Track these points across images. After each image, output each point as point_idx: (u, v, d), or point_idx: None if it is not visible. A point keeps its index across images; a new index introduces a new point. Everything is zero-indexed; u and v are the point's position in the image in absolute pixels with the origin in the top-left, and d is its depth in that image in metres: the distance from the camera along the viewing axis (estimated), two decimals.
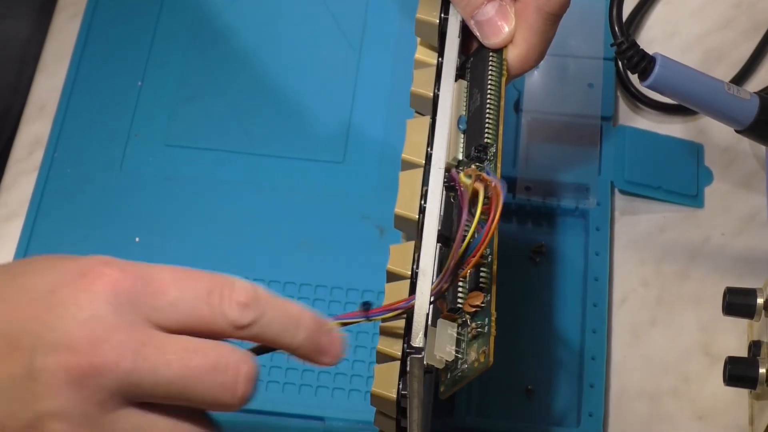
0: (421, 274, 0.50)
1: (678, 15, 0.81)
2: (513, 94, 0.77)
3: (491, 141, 0.54)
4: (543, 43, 0.58)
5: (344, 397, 0.67)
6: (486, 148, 0.54)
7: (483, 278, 0.50)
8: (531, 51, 0.58)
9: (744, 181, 0.75)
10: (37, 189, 0.74)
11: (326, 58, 0.79)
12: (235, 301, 0.45)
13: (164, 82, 0.78)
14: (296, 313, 0.47)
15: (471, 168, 0.53)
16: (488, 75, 0.56)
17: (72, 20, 0.81)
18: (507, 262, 0.72)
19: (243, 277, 0.46)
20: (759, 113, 0.60)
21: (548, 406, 0.67)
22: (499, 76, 0.56)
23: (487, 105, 0.55)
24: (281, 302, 0.46)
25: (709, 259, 0.72)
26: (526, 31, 0.57)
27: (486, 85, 0.56)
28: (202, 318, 0.45)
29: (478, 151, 0.54)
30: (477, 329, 0.49)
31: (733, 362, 0.62)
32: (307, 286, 0.70)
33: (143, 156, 0.76)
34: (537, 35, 0.57)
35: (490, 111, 0.55)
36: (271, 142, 0.76)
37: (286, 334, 0.46)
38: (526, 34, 0.57)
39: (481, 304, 0.49)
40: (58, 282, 0.44)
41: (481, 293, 0.50)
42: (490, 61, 0.57)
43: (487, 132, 0.54)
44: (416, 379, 0.48)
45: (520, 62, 0.58)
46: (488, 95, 0.55)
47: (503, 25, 0.57)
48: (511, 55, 0.58)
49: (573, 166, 0.74)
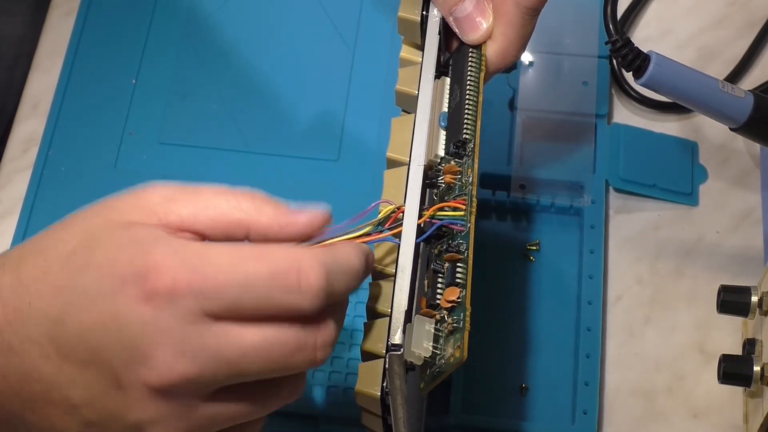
0: (400, 271, 0.50)
1: (672, 13, 0.81)
2: (508, 92, 0.77)
3: (470, 137, 0.54)
4: (521, 38, 0.58)
5: (339, 395, 0.67)
6: (465, 144, 0.54)
7: (459, 273, 0.50)
8: (510, 46, 0.58)
9: (738, 179, 0.75)
10: (31, 187, 0.74)
11: (321, 56, 0.79)
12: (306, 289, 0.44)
13: (158, 80, 0.78)
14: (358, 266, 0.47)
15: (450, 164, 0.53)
16: (467, 71, 0.56)
17: (66, 18, 0.81)
18: (501, 260, 0.72)
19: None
20: (753, 111, 0.60)
21: (543, 404, 0.67)
22: (477, 72, 0.57)
23: (466, 101, 0.55)
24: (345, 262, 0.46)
25: (703, 257, 0.72)
26: (505, 26, 0.57)
27: (465, 81, 0.56)
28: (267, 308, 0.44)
29: (456, 147, 0.54)
30: (453, 324, 0.49)
31: (728, 360, 0.62)
32: None
33: (137, 154, 0.76)
34: (515, 30, 0.57)
35: (469, 107, 0.55)
36: (266, 140, 0.76)
37: (349, 290, 0.47)
38: (504, 29, 0.57)
39: (457, 300, 0.49)
40: (119, 288, 0.44)
41: (457, 288, 0.50)
42: (469, 57, 0.57)
43: (465, 128, 0.54)
44: (397, 376, 0.48)
45: (499, 57, 0.58)
46: (467, 91, 0.56)
47: (481, 21, 0.57)
48: (490, 51, 0.58)
49: (568, 164, 0.74)
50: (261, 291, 0.44)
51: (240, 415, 0.47)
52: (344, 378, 0.67)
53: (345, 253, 0.47)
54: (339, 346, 0.68)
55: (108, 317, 0.44)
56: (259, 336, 0.44)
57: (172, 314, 0.43)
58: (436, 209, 0.52)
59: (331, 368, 0.68)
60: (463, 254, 0.51)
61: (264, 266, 0.44)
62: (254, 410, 0.47)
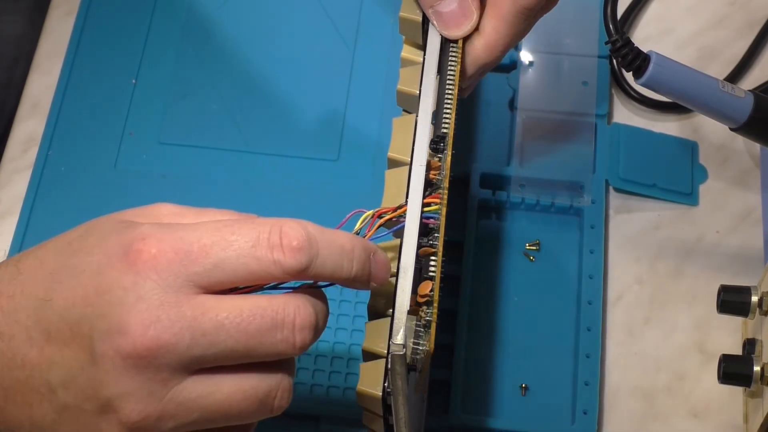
0: (402, 272, 0.50)
1: (672, 13, 0.81)
2: (508, 92, 0.77)
3: (447, 131, 0.54)
4: (512, 36, 0.58)
5: (339, 395, 0.67)
6: (443, 139, 0.54)
7: (432, 267, 0.50)
8: (499, 41, 0.57)
9: (738, 179, 0.75)
10: (31, 187, 0.74)
11: (321, 55, 0.79)
12: (287, 247, 0.45)
13: (158, 80, 0.78)
14: (348, 246, 0.47)
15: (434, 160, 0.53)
16: (448, 65, 0.57)
17: (66, 18, 0.81)
18: (501, 260, 0.72)
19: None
20: (753, 111, 0.60)
21: (543, 404, 0.67)
22: (455, 65, 0.57)
23: (445, 95, 0.55)
24: (332, 237, 0.47)
25: (703, 257, 0.72)
26: (498, 21, 0.57)
27: (446, 76, 0.56)
28: (251, 272, 0.45)
29: (435, 142, 0.54)
30: (426, 318, 0.49)
31: (728, 360, 0.62)
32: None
33: (137, 154, 0.75)
34: (507, 27, 0.57)
35: (448, 101, 0.55)
36: (266, 140, 0.76)
37: (341, 271, 0.47)
38: (496, 24, 0.57)
39: (429, 293, 0.49)
40: (105, 263, 0.45)
41: (430, 282, 0.50)
42: (450, 51, 0.57)
43: (445, 122, 0.54)
44: (399, 376, 0.48)
45: (487, 51, 0.58)
46: (447, 85, 0.56)
47: (464, 18, 0.57)
48: (478, 44, 0.58)
49: (568, 164, 0.74)
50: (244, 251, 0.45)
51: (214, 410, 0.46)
52: (344, 378, 0.67)
53: (333, 231, 0.47)
54: (339, 346, 0.68)
55: (92, 290, 0.45)
56: (237, 308, 0.45)
57: (153, 282, 0.44)
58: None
59: (332, 368, 0.68)
60: (435, 248, 0.51)
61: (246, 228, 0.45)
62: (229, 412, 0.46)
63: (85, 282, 0.45)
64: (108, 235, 0.46)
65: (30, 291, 0.46)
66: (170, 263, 0.44)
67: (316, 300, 0.47)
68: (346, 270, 0.47)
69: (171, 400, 0.45)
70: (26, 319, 0.46)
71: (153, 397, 0.45)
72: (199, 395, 0.45)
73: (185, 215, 0.48)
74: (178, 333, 0.44)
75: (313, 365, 0.68)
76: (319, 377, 0.67)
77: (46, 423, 0.47)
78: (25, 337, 0.46)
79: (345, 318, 0.69)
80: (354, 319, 0.69)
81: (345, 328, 0.69)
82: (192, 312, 0.44)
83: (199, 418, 0.46)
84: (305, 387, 0.67)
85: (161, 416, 0.45)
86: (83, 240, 0.47)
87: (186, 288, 0.45)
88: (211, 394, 0.46)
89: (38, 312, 0.46)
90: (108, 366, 0.44)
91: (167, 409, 0.45)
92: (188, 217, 0.48)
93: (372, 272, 0.48)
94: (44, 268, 0.47)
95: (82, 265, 0.46)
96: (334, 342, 0.68)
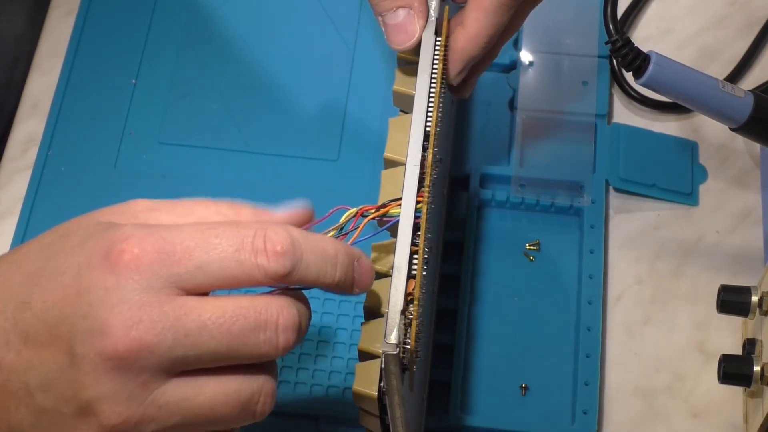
0: (396, 271, 0.50)
1: (672, 13, 0.81)
2: (508, 92, 0.77)
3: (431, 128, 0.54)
4: (493, 27, 0.58)
5: (339, 395, 0.67)
6: (428, 136, 0.54)
7: (414, 265, 0.50)
8: (481, 32, 0.58)
9: (738, 178, 0.75)
10: (31, 187, 0.74)
11: (321, 55, 0.79)
12: (271, 251, 0.45)
13: (158, 80, 0.78)
14: (332, 252, 0.47)
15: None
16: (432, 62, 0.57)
17: (66, 18, 0.81)
18: (501, 260, 0.72)
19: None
20: (753, 111, 0.60)
21: (543, 404, 0.67)
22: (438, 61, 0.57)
23: (429, 92, 0.55)
24: (316, 241, 0.46)
25: (703, 257, 0.72)
26: (479, 13, 0.57)
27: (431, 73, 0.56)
28: (234, 276, 0.45)
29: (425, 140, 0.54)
30: (409, 315, 0.49)
31: (728, 360, 0.62)
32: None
33: (137, 154, 0.76)
34: (488, 18, 0.57)
35: (431, 97, 0.55)
36: (265, 140, 0.76)
37: (325, 276, 0.47)
38: (478, 15, 0.58)
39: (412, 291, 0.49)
40: (86, 264, 0.45)
41: (413, 280, 0.50)
42: (435, 47, 0.57)
43: (428, 119, 0.55)
44: (393, 376, 0.48)
45: (469, 43, 0.58)
46: (431, 83, 0.56)
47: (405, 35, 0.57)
48: (461, 36, 0.58)
49: (567, 164, 0.74)
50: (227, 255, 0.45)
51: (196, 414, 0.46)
52: (344, 378, 0.67)
53: (318, 236, 0.47)
54: (339, 346, 0.68)
55: (73, 291, 0.44)
56: (219, 309, 0.45)
57: (135, 282, 0.44)
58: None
59: (331, 368, 0.68)
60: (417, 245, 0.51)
61: (230, 231, 0.45)
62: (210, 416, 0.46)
63: (65, 283, 0.45)
64: (88, 236, 0.46)
65: (8, 294, 0.46)
66: (152, 263, 0.44)
67: (298, 302, 0.47)
68: (330, 275, 0.47)
69: (152, 402, 0.45)
70: (4, 323, 0.46)
71: (133, 400, 0.44)
72: (181, 398, 0.45)
73: (159, 208, 0.48)
74: (160, 333, 0.44)
75: (313, 365, 0.68)
76: (319, 377, 0.67)
77: (24, 427, 0.46)
78: (3, 340, 0.45)
79: (345, 318, 0.69)
80: (354, 319, 0.69)
81: (345, 328, 0.69)
82: (174, 312, 0.44)
83: (181, 422, 0.45)
84: (305, 387, 0.67)
85: (141, 419, 0.45)
86: (63, 242, 0.46)
87: (167, 289, 0.44)
88: (193, 397, 0.45)
89: (16, 315, 0.45)
90: (88, 368, 0.44)
91: (148, 412, 0.45)
92: (163, 209, 0.47)
93: (356, 278, 0.48)
94: (22, 272, 0.46)
95: (62, 266, 0.45)
96: (334, 342, 0.68)
